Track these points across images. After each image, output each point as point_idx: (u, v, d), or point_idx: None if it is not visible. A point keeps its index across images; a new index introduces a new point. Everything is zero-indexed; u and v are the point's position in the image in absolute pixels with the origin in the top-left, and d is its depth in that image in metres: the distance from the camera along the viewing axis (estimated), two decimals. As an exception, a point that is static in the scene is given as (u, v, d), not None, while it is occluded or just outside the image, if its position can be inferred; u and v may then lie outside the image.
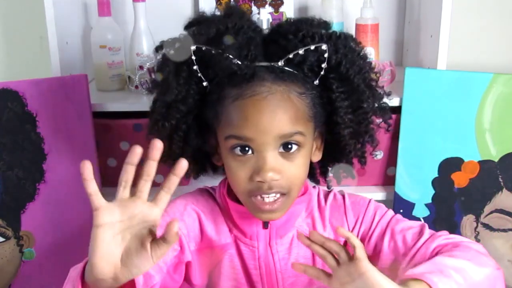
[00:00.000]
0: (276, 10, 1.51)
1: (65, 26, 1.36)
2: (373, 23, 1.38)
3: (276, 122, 0.84)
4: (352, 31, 1.41)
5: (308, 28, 0.89)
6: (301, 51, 0.86)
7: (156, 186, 1.41)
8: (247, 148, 0.86)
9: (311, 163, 0.96)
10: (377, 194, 1.36)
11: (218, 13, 0.96)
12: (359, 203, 1.01)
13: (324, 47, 0.86)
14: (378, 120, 0.98)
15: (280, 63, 0.87)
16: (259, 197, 0.87)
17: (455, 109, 1.27)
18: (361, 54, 0.92)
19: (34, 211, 1.27)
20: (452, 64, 1.41)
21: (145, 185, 0.72)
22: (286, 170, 0.86)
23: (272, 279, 0.97)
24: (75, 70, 1.39)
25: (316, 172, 1.03)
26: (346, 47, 0.89)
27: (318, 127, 0.92)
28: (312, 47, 0.86)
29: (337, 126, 0.91)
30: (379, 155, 1.34)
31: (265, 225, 0.94)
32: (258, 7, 1.51)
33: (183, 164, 0.72)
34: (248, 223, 0.94)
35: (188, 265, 0.96)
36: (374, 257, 0.96)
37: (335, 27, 1.38)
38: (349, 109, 0.90)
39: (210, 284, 0.99)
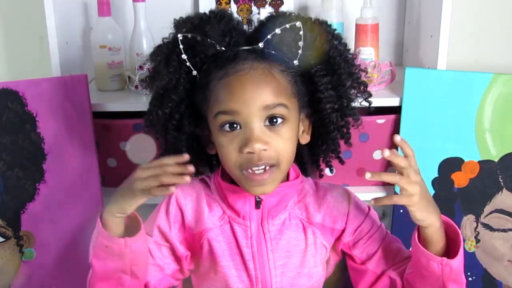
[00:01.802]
0: (276, 10, 1.51)
1: (65, 26, 1.36)
2: (373, 23, 1.38)
3: (259, 93, 0.90)
4: (352, 31, 1.42)
5: (285, 17, 0.97)
6: (278, 31, 0.93)
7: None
8: (235, 125, 0.91)
9: (302, 152, 1.03)
10: (377, 194, 1.36)
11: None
12: (360, 206, 1.06)
13: (298, 24, 0.93)
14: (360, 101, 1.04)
15: (261, 45, 0.94)
16: (249, 170, 0.91)
17: (455, 109, 1.27)
18: (335, 36, 0.98)
19: (34, 211, 1.27)
20: (452, 64, 1.41)
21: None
22: (273, 142, 0.91)
23: (263, 258, 1.00)
24: (75, 70, 1.39)
25: (307, 163, 1.09)
26: (320, 28, 0.97)
27: (303, 107, 0.98)
28: (288, 26, 0.93)
29: (320, 104, 0.97)
30: (379, 155, 1.34)
31: (257, 205, 0.99)
32: (258, 7, 1.51)
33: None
34: (241, 203, 0.99)
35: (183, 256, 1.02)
36: (352, 256, 1.05)
37: (335, 27, 1.39)
38: (329, 85, 0.96)
39: (204, 265, 1.02)
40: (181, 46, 0.92)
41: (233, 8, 1.51)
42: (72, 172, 1.28)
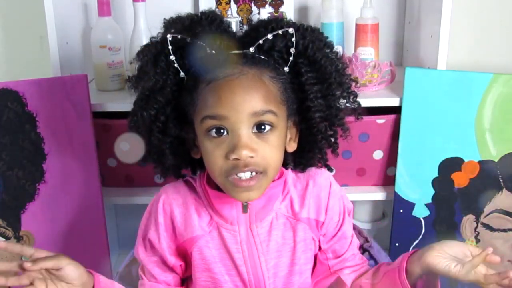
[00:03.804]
0: (276, 10, 1.51)
1: (65, 26, 1.36)
2: (373, 23, 1.38)
3: (248, 99, 0.88)
4: (352, 31, 1.42)
5: (277, 22, 0.95)
6: (270, 36, 0.91)
7: (156, 186, 1.41)
8: (222, 130, 0.89)
9: (287, 158, 1.00)
10: (377, 194, 1.36)
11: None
12: (342, 200, 1.04)
13: (291, 30, 0.91)
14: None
15: (252, 49, 0.92)
16: (235, 176, 0.90)
17: (455, 109, 1.27)
18: (327, 44, 0.97)
19: (34, 211, 1.27)
20: (452, 64, 1.41)
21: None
22: (261, 149, 0.89)
23: (255, 262, 0.99)
24: (75, 70, 1.39)
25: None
26: (312, 36, 0.95)
27: (291, 115, 0.96)
28: (280, 32, 0.91)
29: (309, 113, 0.95)
30: (379, 155, 1.34)
31: (245, 209, 0.98)
32: (258, 7, 1.51)
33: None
34: (228, 208, 0.98)
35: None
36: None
37: (335, 27, 1.39)
38: (319, 94, 0.95)
39: (195, 272, 1.01)
40: (170, 47, 0.91)
41: (233, 8, 1.51)
42: (72, 172, 1.28)
